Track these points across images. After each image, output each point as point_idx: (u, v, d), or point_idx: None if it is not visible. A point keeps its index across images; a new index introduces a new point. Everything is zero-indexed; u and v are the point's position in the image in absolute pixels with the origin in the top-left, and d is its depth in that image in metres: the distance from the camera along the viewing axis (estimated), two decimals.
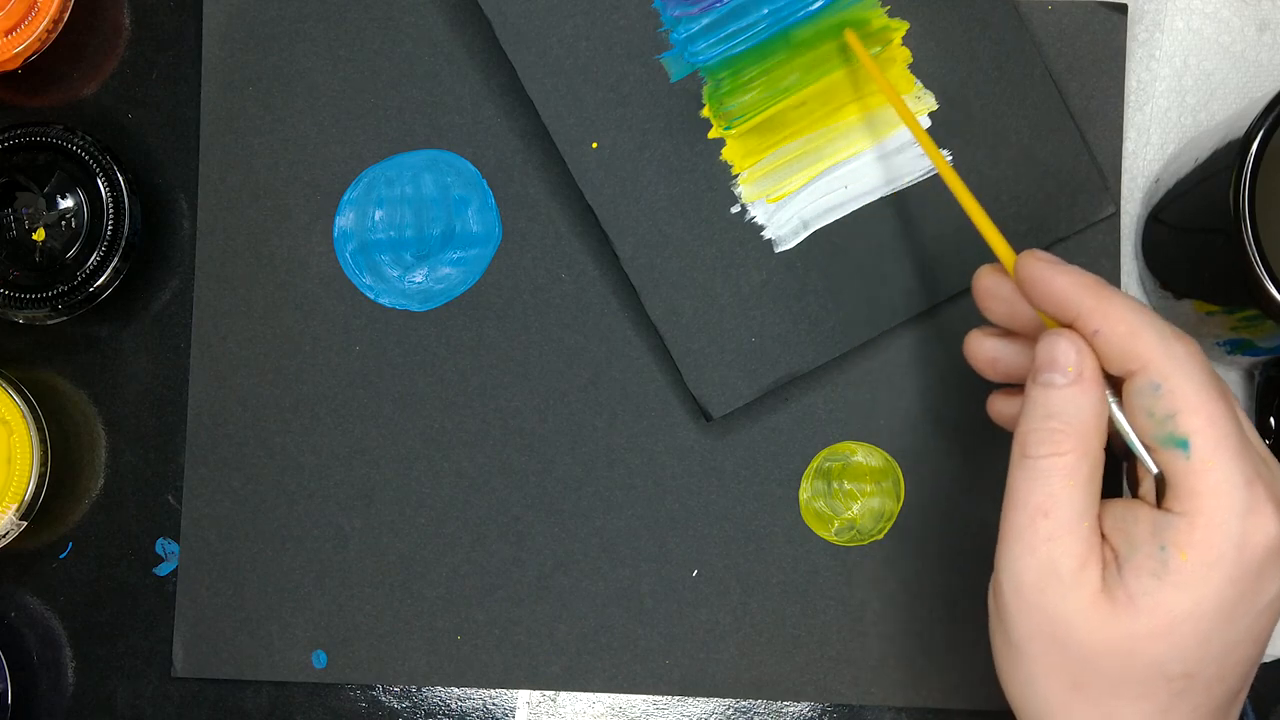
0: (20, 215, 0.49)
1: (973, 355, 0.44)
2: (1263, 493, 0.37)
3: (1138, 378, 0.37)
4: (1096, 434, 0.38)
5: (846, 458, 0.51)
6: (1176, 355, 0.37)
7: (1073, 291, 0.38)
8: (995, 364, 0.43)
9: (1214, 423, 0.37)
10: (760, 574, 0.51)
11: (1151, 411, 0.37)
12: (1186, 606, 0.36)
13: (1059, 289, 0.39)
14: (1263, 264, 0.42)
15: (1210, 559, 0.36)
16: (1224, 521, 0.36)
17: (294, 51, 0.51)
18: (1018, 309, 0.42)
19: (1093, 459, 0.38)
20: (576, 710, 0.51)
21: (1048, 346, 0.38)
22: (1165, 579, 0.36)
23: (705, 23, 0.49)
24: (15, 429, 0.49)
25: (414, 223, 0.51)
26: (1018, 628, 0.38)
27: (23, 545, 0.51)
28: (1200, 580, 0.36)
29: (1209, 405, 0.37)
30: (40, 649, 0.51)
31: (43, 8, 0.50)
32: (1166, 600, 0.36)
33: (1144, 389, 0.37)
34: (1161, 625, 0.36)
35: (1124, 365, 0.38)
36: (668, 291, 0.50)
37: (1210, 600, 0.36)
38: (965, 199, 0.43)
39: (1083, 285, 0.38)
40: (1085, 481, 0.38)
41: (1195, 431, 0.37)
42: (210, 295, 0.51)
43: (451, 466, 0.51)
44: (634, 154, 0.49)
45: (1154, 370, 0.37)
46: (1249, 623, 0.37)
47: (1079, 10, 0.51)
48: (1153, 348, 0.37)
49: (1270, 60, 0.51)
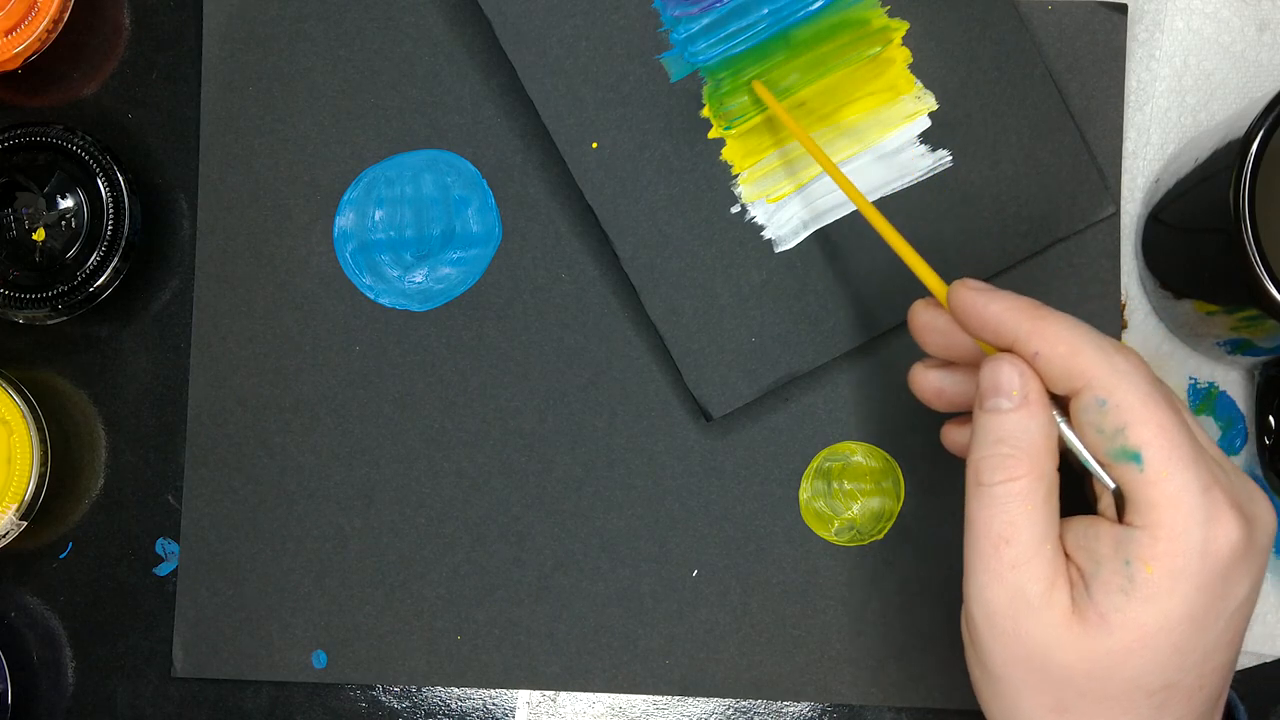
0: (20, 215, 0.49)
1: (918, 388, 0.44)
2: (1220, 497, 0.37)
3: (1083, 395, 0.37)
4: (1048, 455, 0.38)
5: (846, 458, 0.51)
6: (1119, 369, 0.37)
7: (1007, 316, 0.38)
8: (941, 394, 0.43)
9: (1164, 432, 0.37)
10: (760, 574, 0.51)
11: (1100, 427, 0.37)
12: (1158, 619, 0.36)
13: (993, 315, 0.39)
14: (1263, 264, 0.42)
15: (1175, 569, 0.36)
16: (1185, 530, 0.36)
17: (294, 51, 0.51)
18: (955, 339, 0.42)
19: (1048, 481, 0.38)
20: (576, 710, 0.51)
21: (990, 373, 0.38)
22: (1133, 594, 0.36)
23: (705, 23, 0.49)
24: (15, 429, 0.49)
25: (414, 223, 0.51)
26: (994, 656, 0.38)
27: (23, 545, 0.51)
28: (1168, 591, 0.36)
29: (1157, 415, 0.37)
30: (40, 649, 0.51)
31: (43, 8, 0.50)
32: (1137, 615, 0.36)
33: (1090, 405, 0.37)
34: (1135, 640, 0.36)
35: (1068, 384, 0.38)
36: (668, 291, 0.50)
37: (1180, 610, 0.36)
38: (890, 235, 0.42)
39: (1017, 309, 0.38)
40: (1042, 503, 0.38)
41: (1146, 443, 0.37)
42: (210, 295, 0.51)
43: (451, 466, 0.51)
44: (634, 154, 0.49)
45: (1098, 386, 0.37)
46: (1221, 628, 0.37)
47: (1079, 10, 0.51)
48: (1095, 364, 0.37)
49: (1270, 60, 0.51)
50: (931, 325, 0.42)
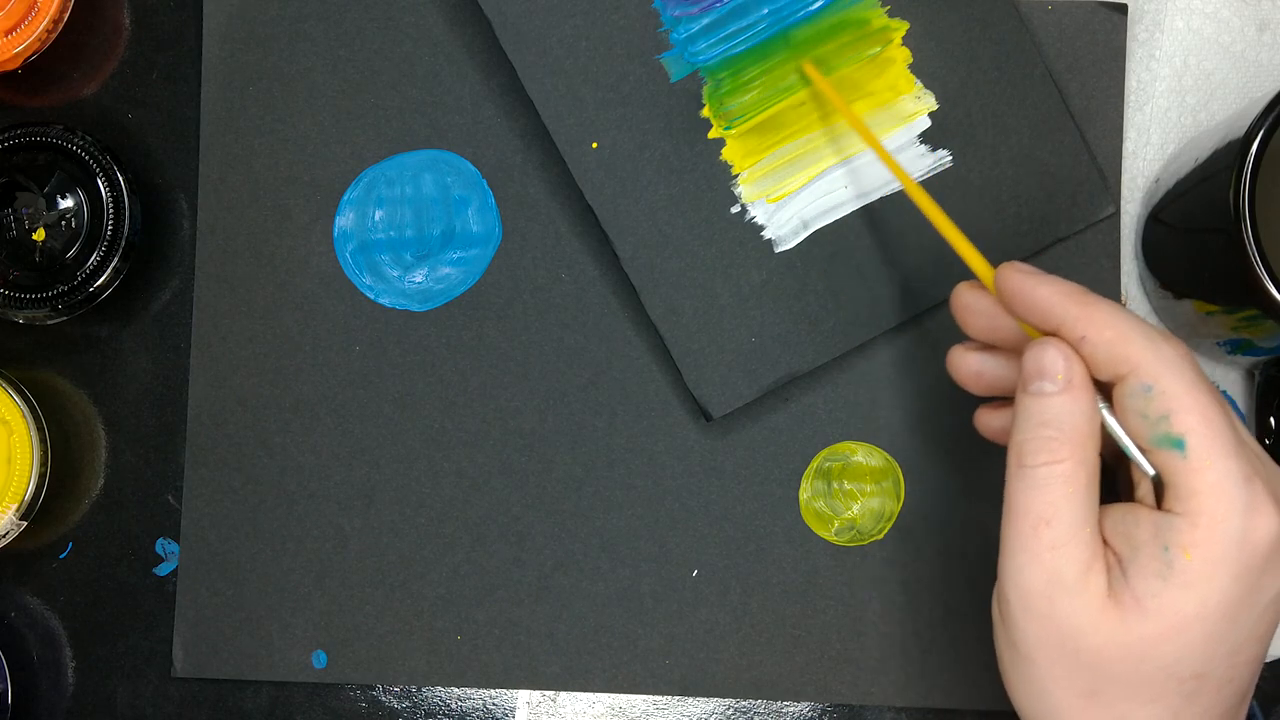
0: (20, 215, 0.49)
1: (956, 370, 0.43)
2: (1261, 489, 0.37)
3: (1128, 381, 0.37)
4: (1091, 440, 0.38)
5: (846, 458, 0.51)
6: (1165, 356, 0.37)
7: (1056, 300, 0.38)
8: (980, 378, 0.43)
9: (1208, 421, 0.37)
10: (760, 574, 0.51)
11: (1145, 413, 0.37)
12: (1194, 606, 0.36)
13: (1041, 299, 0.39)
14: (1263, 264, 0.42)
15: (1214, 556, 0.36)
16: (1225, 518, 0.36)
17: (294, 51, 0.51)
18: (999, 322, 0.42)
19: (1090, 465, 0.38)
20: (576, 710, 0.51)
21: (1035, 355, 0.38)
22: (1171, 579, 0.36)
23: (705, 23, 0.49)
24: (15, 429, 0.49)
25: (414, 223, 0.51)
26: (1026, 638, 0.38)
27: (23, 545, 0.51)
28: (1206, 578, 0.36)
29: (1202, 404, 0.37)
30: (40, 649, 0.51)
31: (43, 8, 0.50)
32: (1174, 601, 0.36)
33: (1135, 391, 0.37)
34: (1170, 626, 0.36)
35: (1113, 370, 0.38)
36: (668, 291, 0.50)
37: (1216, 598, 0.36)
38: (937, 217, 0.43)
39: (1065, 293, 0.38)
40: (1084, 488, 0.38)
41: (1190, 430, 0.37)
42: (210, 295, 0.51)
43: (451, 466, 0.51)
44: (634, 154, 0.49)
45: (1144, 372, 0.37)
46: (1254, 620, 0.37)
47: (1079, 10, 0.51)
48: (1141, 350, 0.37)
49: (1270, 60, 0.51)
50: (974, 307, 0.42)
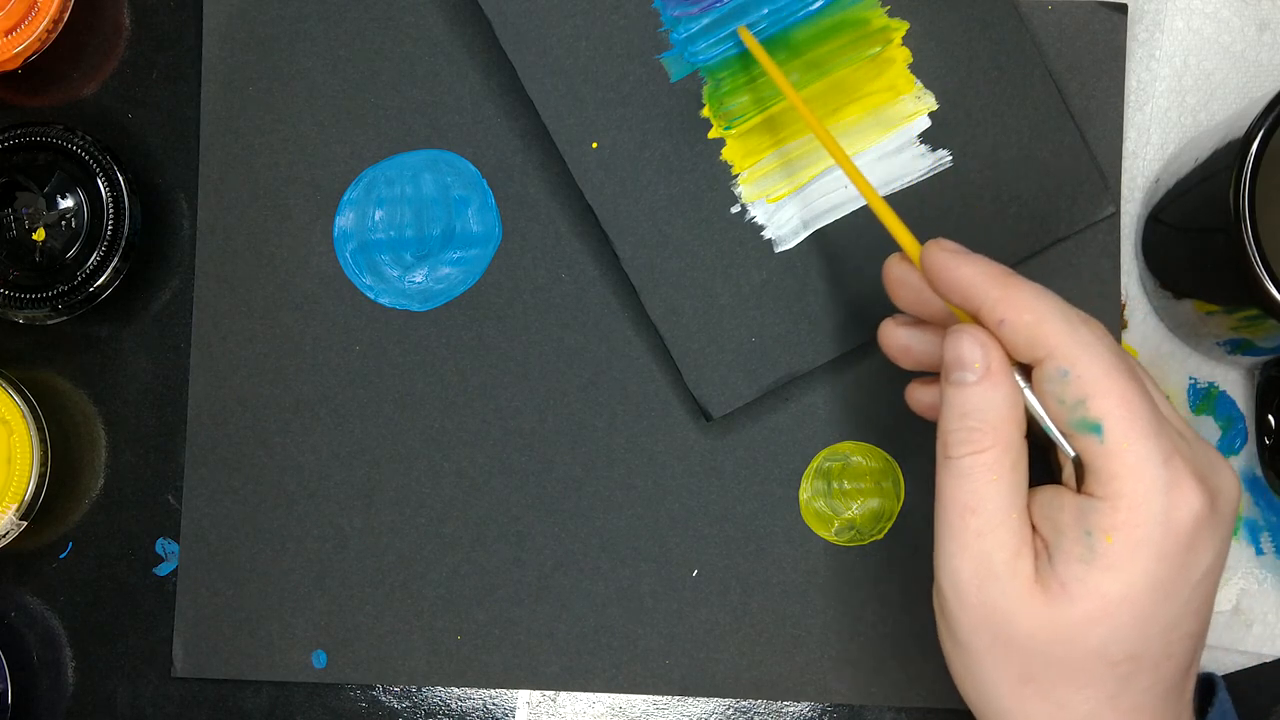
0: (20, 215, 0.49)
1: (886, 344, 0.44)
2: (1182, 467, 0.37)
3: (1046, 364, 0.38)
4: (1014, 425, 0.38)
5: (846, 458, 0.51)
6: (1083, 339, 0.37)
7: (978, 280, 0.39)
8: (908, 352, 0.43)
9: (1125, 403, 0.37)
10: (760, 574, 0.51)
11: (1062, 398, 0.37)
12: (1119, 589, 0.37)
13: (963, 278, 0.39)
14: (1263, 264, 0.42)
15: (1136, 539, 0.36)
16: (1145, 500, 0.37)
17: (294, 51, 0.51)
18: (926, 297, 0.42)
19: (1014, 451, 0.38)
20: (576, 710, 0.51)
21: (954, 344, 0.39)
22: (1094, 564, 0.37)
23: (705, 23, 0.49)
24: (15, 429, 0.49)
25: (414, 223, 0.51)
26: (961, 626, 0.38)
27: (23, 545, 0.51)
28: (1128, 561, 0.36)
29: (1119, 387, 0.37)
30: (40, 649, 0.51)
31: (43, 8, 0.50)
32: (1098, 584, 0.37)
33: (1052, 375, 0.37)
34: (1096, 610, 0.37)
35: (1032, 353, 0.38)
36: (668, 291, 0.50)
37: (1142, 580, 0.37)
38: (865, 189, 0.43)
39: (987, 275, 0.39)
40: (1008, 473, 0.38)
41: (1106, 414, 0.37)
42: (210, 295, 0.51)
43: (451, 466, 0.51)
44: (634, 154, 0.49)
45: (1061, 356, 0.37)
46: (1186, 596, 0.37)
47: (1079, 10, 0.51)
48: (1059, 333, 0.37)
49: (1270, 60, 0.51)
50: (904, 280, 0.42)
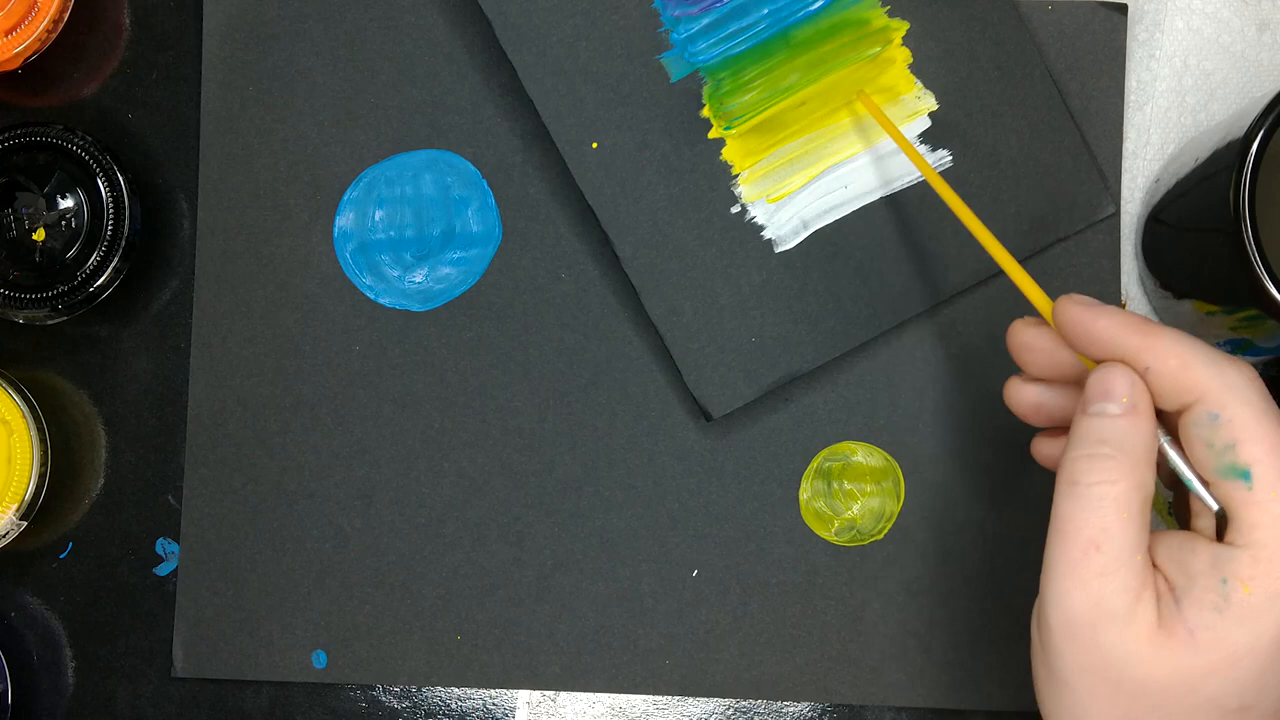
0: (20, 215, 0.49)
1: (1016, 403, 0.42)
2: None
3: (1194, 409, 0.37)
4: (1148, 466, 0.37)
5: (846, 458, 0.51)
6: (1233, 383, 0.36)
7: (1117, 332, 0.38)
8: (1040, 409, 0.42)
9: (1275, 450, 0.36)
10: (760, 574, 0.51)
11: (1211, 443, 0.36)
12: (1248, 641, 0.36)
13: (1102, 330, 0.38)
14: (1263, 264, 0.42)
15: (1274, 591, 0.35)
16: None
17: (294, 51, 0.51)
18: (1058, 358, 0.41)
19: (1144, 492, 0.37)
20: (576, 710, 0.51)
21: (1101, 378, 0.37)
22: (1227, 613, 0.36)
23: (705, 23, 0.49)
24: (15, 429, 0.49)
25: (414, 223, 0.51)
26: (1065, 664, 0.37)
27: (23, 545, 0.51)
28: (1263, 613, 0.35)
29: (1269, 432, 0.36)
30: (40, 649, 0.51)
31: (43, 8, 0.50)
32: (1228, 634, 0.36)
33: (1201, 420, 0.36)
34: (1222, 660, 0.36)
35: (1179, 399, 0.37)
36: (668, 291, 0.50)
37: (1270, 634, 0.36)
38: (997, 251, 0.42)
39: (1126, 325, 0.38)
40: (1137, 514, 0.37)
41: (1256, 461, 0.36)
42: (210, 295, 0.51)
43: (451, 466, 0.51)
44: (634, 154, 0.49)
45: (1211, 400, 0.36)
46: None
47: (1079, 10, 0.51)
48: (1208, 378, 0.36)
49: (1270, 60, 0.51)
50: (1032, 344, 0.41)
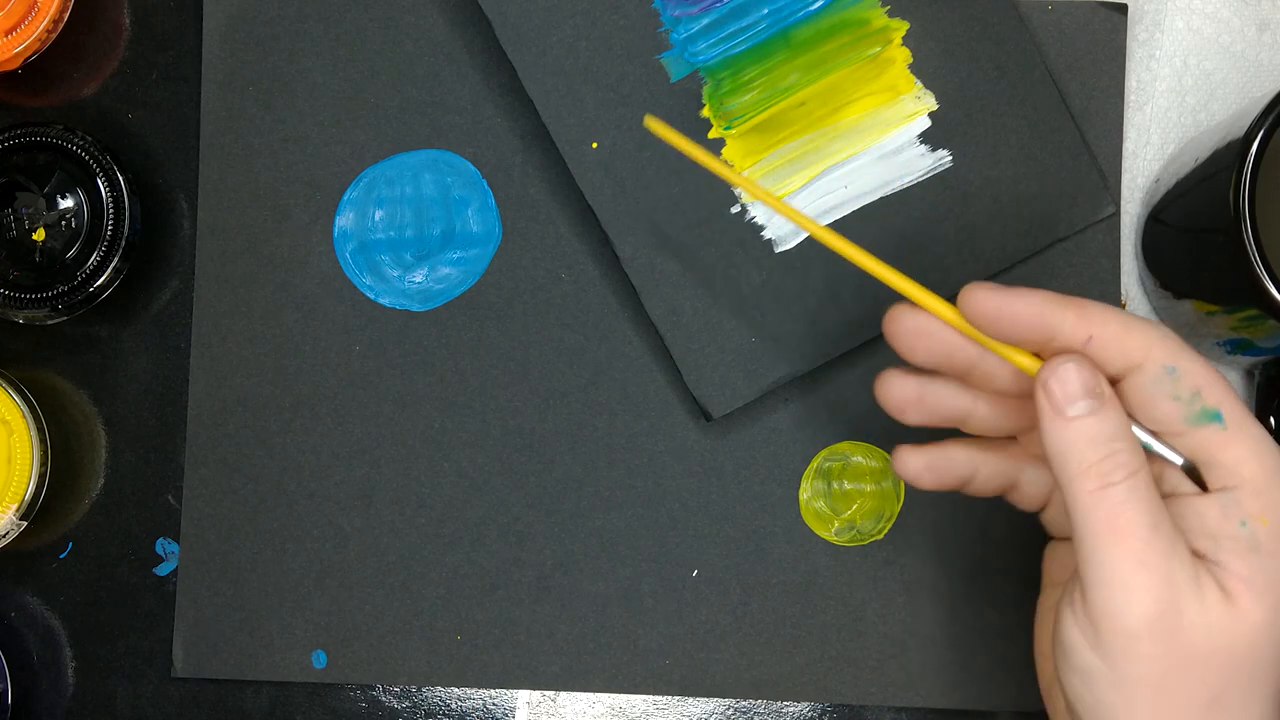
0: (20, 215, 0.49)
1: (889, 398, 0.42)
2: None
3: (1147, 368, 0.37)
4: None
5: (846, 458, 0.51)
6: (1169, 337, 0.37)
7: (1045, 309, 0.37)
8: (920, 403, 0.41)
9: (1226, 386, 0.37)
10: (760, 574, 0.51)
11: (1176, 395, 0.37)
12: None
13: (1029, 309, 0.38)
14: (1263, 264, 0.42)
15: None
16: (1277, 471, 0.36)
17: (294, 51, 0.51)
18: (952, 346, 0.40)
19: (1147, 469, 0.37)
20: (576, 710, 0.51)
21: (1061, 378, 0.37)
22: (1263, 550, 0.36)
23: (705, 23, 0.49)
24: (15, 429, 0.49)
25: (414, 223, 0.51)
26: (1147, 665, 0.36)
27: (23, 545, 0.51)
28: None
29: (1214, 372, 0.37)
30: (40, 649, 0.51)
31: (43, 8, 0.50)
32: (1276, 569, 0.36)
33: (1160, 376, 0.37)
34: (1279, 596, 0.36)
35: (1125, 362, 0.37)
36: (668, 291, 0.50)
37: None
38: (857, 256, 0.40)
39: (1053, 300, 0.38)
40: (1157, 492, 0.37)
41: (1221, 401, 0.37)
42: (210, 295, 0.51)
43: (451, 466, 0.51)
44: (634, 154, 0.49)
45: (1161, 355, 0.37)
46: None
47: (1079, 10, 0.51)
48: (1150, 337, 0.37)
49: (1270, 60, 0.51)
50: (922, 330, 0.40)
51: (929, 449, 0.42)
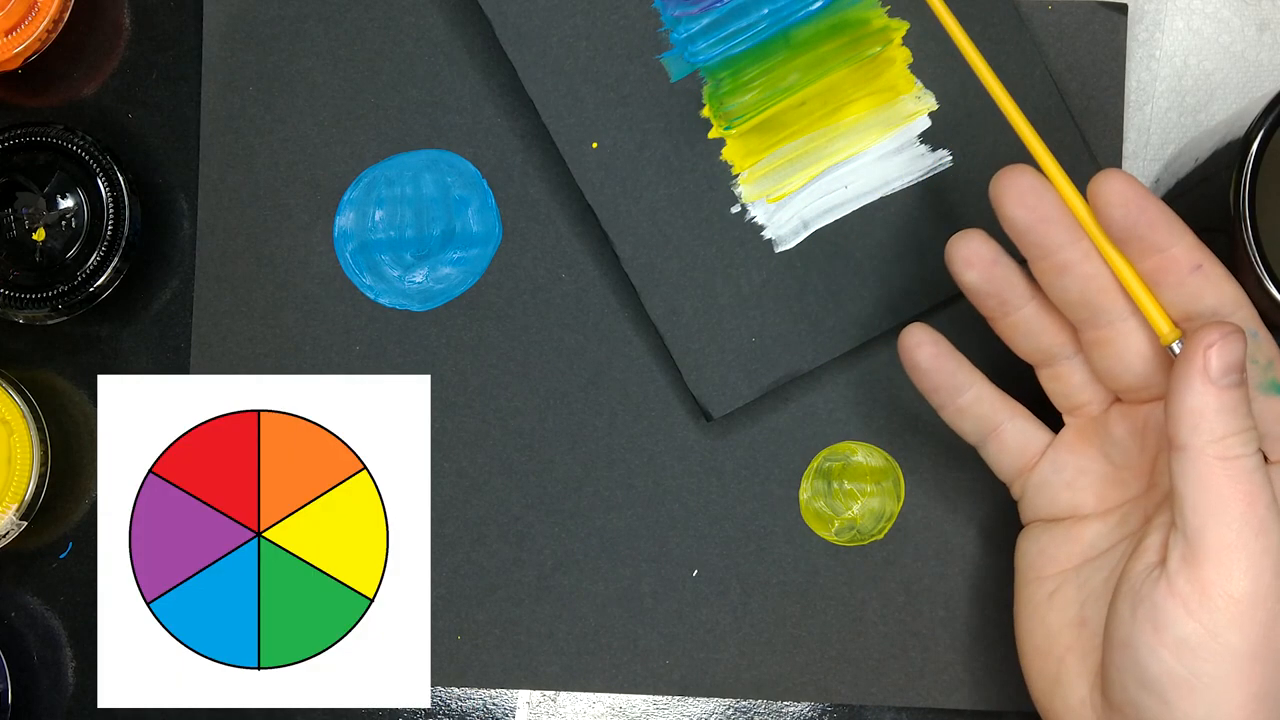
0: (20, 215, 0.49)
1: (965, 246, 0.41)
2: None
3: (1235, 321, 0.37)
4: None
5: (846, 458, 0.51)
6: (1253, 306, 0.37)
7: (1173, 221, 0.37)
8: (990, 265, 0.42)
9: None
10: (760, 574, 0.51)
11: (1254, 358, 0.37)
12: None
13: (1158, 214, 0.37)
14: (1263, 264, 0.42)
15: None
16: None
17: (294, 51, 0.51)
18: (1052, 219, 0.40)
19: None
20: (576, 710, 0.51)
21: (1225, 347, 0.36)
22: None
23: (705, 23, 0.49)
24: (15, 429, 0.49)
25: (414, 223, 0.51)
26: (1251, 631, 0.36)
27: (23, 545, 0.51)
28: None
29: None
30: (40, 649, 0.51)
31: (43, 8, 0.50)
32: None
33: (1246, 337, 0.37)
34: None
35: (1216, 306, 0.37)
36: (668, 291, 0.50)
37: None
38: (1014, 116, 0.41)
39: (1179, 219, 0.37)
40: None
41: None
42: (210, 295, 0.51)
43: (451, 466, 0.51)
44: (634, 154, 0.49)
45: (1248, 317, 0.37)
46: None
47: (1079, 10, 0.51)
48: (1245, 294, 0.37)
49: (1270, 60, 0.51)
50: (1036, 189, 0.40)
51: (940, 337, 0.43)
